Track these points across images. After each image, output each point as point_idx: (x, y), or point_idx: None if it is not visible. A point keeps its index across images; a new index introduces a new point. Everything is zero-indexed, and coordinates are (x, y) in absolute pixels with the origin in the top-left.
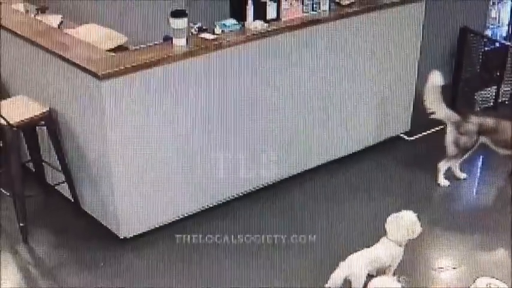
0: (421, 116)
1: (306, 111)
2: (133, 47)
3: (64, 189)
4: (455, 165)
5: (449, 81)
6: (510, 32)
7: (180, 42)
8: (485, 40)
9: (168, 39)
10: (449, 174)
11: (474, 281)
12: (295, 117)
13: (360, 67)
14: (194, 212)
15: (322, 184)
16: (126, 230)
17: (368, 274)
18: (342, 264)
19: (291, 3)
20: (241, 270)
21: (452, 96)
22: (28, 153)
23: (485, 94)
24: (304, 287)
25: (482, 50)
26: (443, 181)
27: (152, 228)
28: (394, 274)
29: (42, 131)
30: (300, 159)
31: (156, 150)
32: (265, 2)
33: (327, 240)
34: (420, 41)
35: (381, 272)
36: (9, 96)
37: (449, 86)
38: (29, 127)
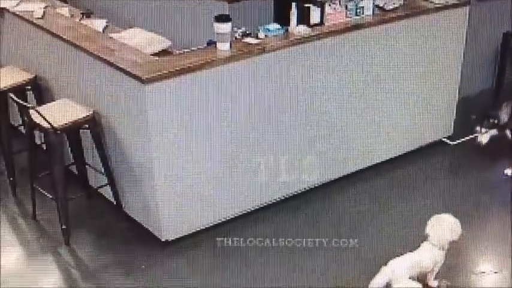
0: (464, 120)
1: (348, 116)
2: (177, 52)
3: (106, 192)
4: None
5: (492, 86)
6: None
7: (223, 47)
8: None
9: (211, 43)
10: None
11: None
12: (337, 121)
13: (402, 71)
14: (235, 215)
15: (363, 189)
16: (167, 233)
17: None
18: (383, 269)
19: (334, 8)
20: (282, 274)
21: (494, 100)
22: (71, 156)
23: None
24: None
25: None
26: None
27: (193, 231)
28: (435, 278)
29: (86, 134)
30: (341, 164)
31: (198, 154)
32: (309, 7)
33: (368, 244)
34: (463, 45)
35: (422, 276)
36: (53, 100)
37: (491, 90)
38: (72, 130)
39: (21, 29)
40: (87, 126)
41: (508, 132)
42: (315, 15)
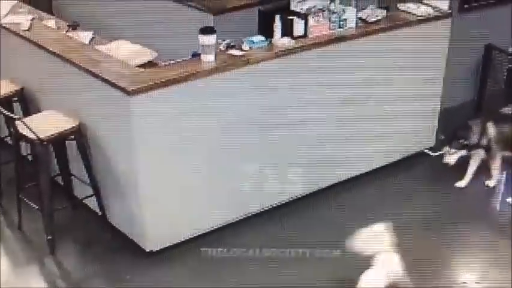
0: (445, 132)
1: (331, 127)
2: (163, 63)
3: (92, 203)
4: None
5: (474, 97)
6: None
7: (208, 59)
8: (509, 57)
9: (196, 55)
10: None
11: None
12: (321, 132)
13: (385, 83)
14: (220, 225)
15: (347, 199)
16: (152, 243)
17: None
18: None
19: (318, 20)
20: (267, 284)
21: (476, 112)
22: (57, 167)
23: (509, 110)
24: None
25: (507, 67)
26: None
27: (178, 241)
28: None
29: (71, 145)
30: (326, 174)
31: (183, 164)
32: (293, 19)
33: (351, 255)
34: (446, 57)
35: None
36: (39, 111)
37: (473, 101)
38: (58, 141)
39: (8, 41)
40: (73, 137)
41: (479, 151)
42: (298, 28)
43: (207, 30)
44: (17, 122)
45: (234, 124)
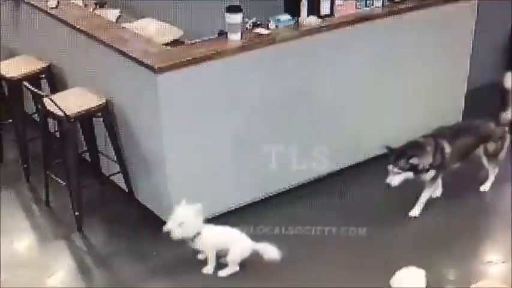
0: (472, 112)
1: (357, 106)
2: (189, 41)
3: (119, 180)
4: None
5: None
6: None
7: (234, 37)
8: None
9: (222, 33)
10: None
11: None
12: (346, 111)
13: (411, 62)
14: (246, 203)
15: (374, 177)
16: None
17: None
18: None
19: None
20: (293, 261)
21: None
22: (84, 144)
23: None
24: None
25: None
26: None
27: (206, 218)
28: None
29: (99, 122)
30: (352, 152)
31: (209, 142)
32: None
33: (379, 233)
34: (472, 37)
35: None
36: (67, 88)
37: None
38: (85, 118)
39: (36, 18)
40: (100, 114)
41: (429, 175)
42: (325, 7)
43: (233, 9)
44: (45, 99)
45: (259, 102)
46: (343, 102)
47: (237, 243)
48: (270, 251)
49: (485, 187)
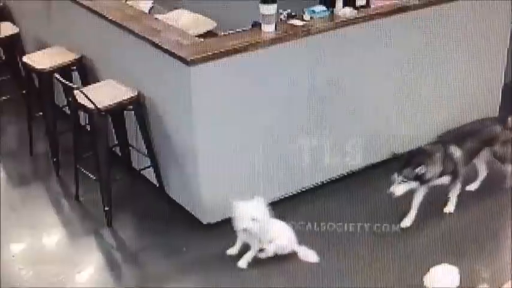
0: (509, 104)
1: (391, 99)
2: (222, 33)
3: (149, 174)
4: None
5: None
6: None
7: (268, 28)
8: None
9: (256, 25)
10: None
11: None
12: (381, 104)
13: (448, 54)
14: (278, 198)
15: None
16: (209, 216)
17: None
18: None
19: None
20: (324, 258)
21: None
22: (115, 138)
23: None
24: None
25: None
26: None
27: None
28: None
29: (130, 116)
30: (386, 146)
31: (242, 136)
32: None
33: (413, 229)
34: (510, 29)
35: None
36: (98, 80)
37: None
38: (116, 111)
39: (67, 9)
40: (131, 107)
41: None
42: None
43: (267, 0)
44: (76, 92)
45: (293, 95)
46: (378, 95)
47: (287, 238)
48: (309, 255)
49: (472, 186)
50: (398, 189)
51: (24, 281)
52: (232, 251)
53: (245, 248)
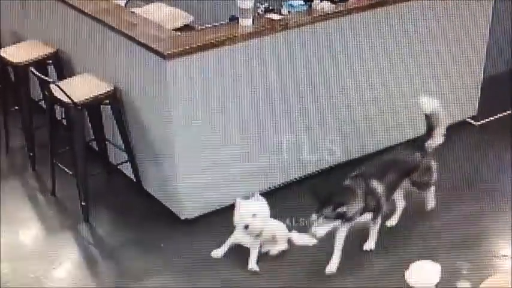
0: (489, 100)
1: (370, 94)
2: (199, 27)
3: (127, 169)
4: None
5: None
6: None
7: (246, 23)
8: None
9: (234, 19)
10: None
11: None
12: (359, 99)
13: (426, 50)
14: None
15: None
16: (187, 211)
17: None
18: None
19: None
20: (303, 253)
21: None
22: (92, 132)
23: None
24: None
25: None
26: None
27: (213, 209)
28: None
29: (106, 110)
30: (363, 142)
31: (219, 131)
32: None
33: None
34: (489, 24)
35: None
36: (74, 74)
37: None
38: (93, 106)
39: (44, 2)
40: (108, 101)
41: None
42: None
43: None
44: (52, 85)
45: (271, 90)
46: (356, 89)
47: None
48: (304, 238)
49: (392, 221)
50: (320, 230)
51: (1, 276)
52: (218, 253)
53: (232, 251)
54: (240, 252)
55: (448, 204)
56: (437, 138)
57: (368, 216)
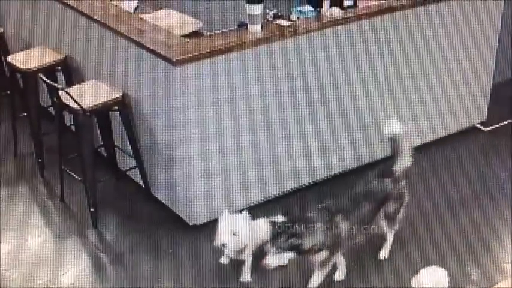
0: (498, 106)
1: (379, 100)
2: (208, 33)
3: (135, 175)
4: None
5: None
6: None
7: (255, 29)
8: None
9: (243, 25)
10: None
11: None
12: (369, 105)
13: (435, 55)
14: (265, 199)
15: None
16: (196, 217)
17: None
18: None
19: None
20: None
21: None
22: (100, 138)
23: None
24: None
25: None
26: None
27: None
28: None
29: (115, 116)
30: (373, 148)
31: (228, 137)
32: None
33: (399, 228)
34: (499, 30)
35: None
36: (83, 81)
37: None
38: (102, 112)
39: (53, 9)
40: (116, 108)
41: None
42: None
43: (254, 0)
44: (60, 92)
45: (280, 96)
46: (365, 95)
47: None
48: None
49: (384, 254)
50: (273, 260)
51: (9, 282)
52: (225, 260)
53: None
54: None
55: (457, 210)
56: (404, 162)
57: (323, 254)
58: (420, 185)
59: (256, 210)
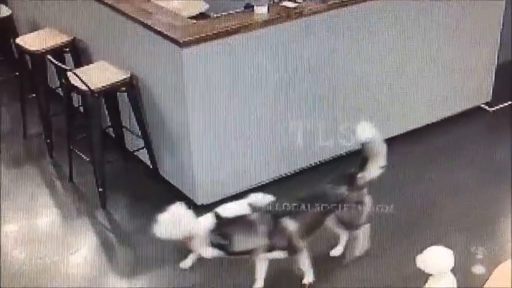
0: (503, 86)
1: (384, 80)
2: (215, 15)
3: (143, 155)
4: None
5: None
6: None
7: (261, 10)
8: None
9: (249, 7)
10: None
11: None
12: (374, 86)
13: (440, 36)
14: (272, 179)
15: (399, 155)
16: (203, 197)
17: None
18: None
19: None
20: (318, 238)
21: None
22: (108, 119)
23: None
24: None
25: None
26: None
27: (229, 195)
28: None
29: (123, 97)
30: (378, 129)
31: (235, 117)
32: None
33: (403, 210)
34: (503, 10)
35: None
36: (91, 62)
37: None
38: (110, 93)
39: None
40: (124, 89)
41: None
42: None
43: None
44: (69, 73)
45: (286, 77)
46: (371, 77)
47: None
48: None
49: (336, 252)
50: (207, 251)
51: (17, 261)
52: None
53: None
54: None
55: (463, 189)
56: (372, 171)
57: (280, 254)
58: (425, 165)
59: (262, 190)
